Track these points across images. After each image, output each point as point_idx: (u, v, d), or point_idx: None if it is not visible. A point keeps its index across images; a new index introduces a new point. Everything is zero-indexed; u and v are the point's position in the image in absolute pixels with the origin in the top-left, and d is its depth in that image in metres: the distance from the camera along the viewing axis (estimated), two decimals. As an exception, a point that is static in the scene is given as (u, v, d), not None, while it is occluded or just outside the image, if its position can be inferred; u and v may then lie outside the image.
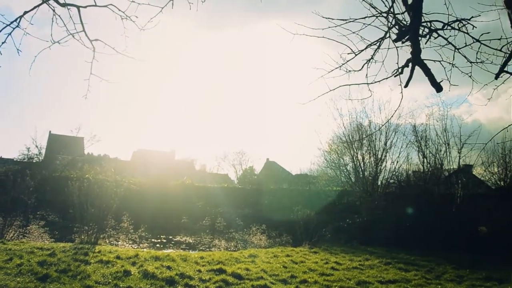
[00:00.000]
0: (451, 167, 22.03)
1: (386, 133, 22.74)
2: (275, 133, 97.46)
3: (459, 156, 21.15)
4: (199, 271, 9.77)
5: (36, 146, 31.55)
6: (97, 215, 13.70)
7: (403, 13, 4.66)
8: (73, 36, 4.61)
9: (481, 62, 4.93)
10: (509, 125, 5.29)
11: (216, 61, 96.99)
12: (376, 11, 4.80)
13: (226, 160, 71.30)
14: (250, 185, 32.93)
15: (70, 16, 4.53)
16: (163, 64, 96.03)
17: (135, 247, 15.23)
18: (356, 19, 4.78)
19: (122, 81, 72.01)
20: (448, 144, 21.53)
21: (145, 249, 13.55)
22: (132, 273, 8.96)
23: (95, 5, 4.61)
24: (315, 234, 16.70)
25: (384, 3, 4.65)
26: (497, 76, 4.71)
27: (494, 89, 5.21)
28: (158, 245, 17.46)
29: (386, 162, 22.95)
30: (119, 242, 15.49)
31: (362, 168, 22.72)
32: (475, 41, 4.78)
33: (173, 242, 18.74)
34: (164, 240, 18.93)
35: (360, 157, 22.97)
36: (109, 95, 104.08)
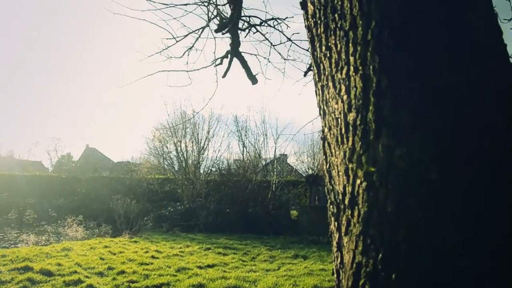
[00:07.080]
0: (268, 156, 23.91)
1: (209, 122, 23.54)
2: (97, 118, 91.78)
3: (275, 146, 23.10)
4: None
5: None
6: None
7: (224, 5, 4.83)
8: None
9: (293, 60, 5.46)
10: (314, 119, 5.94)
11: (33, 31, 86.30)
12: (199, -1, 4.87)
13: (39, 146, 65.10)
14: (66, 173, 30.44)
15: None
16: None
17: None
18: (177, 5, 4.79)
19: None
20: (266, 135, 23.32)
21: None
22: None
23: None
24: (136, 223, 16.38)
25: (207, -8, 4.74)
26: (305, 74, 5.25)
27: (304, 85, 5.83)
28: None
29: (208, 150, 23.80)
30: None
31: (185, 157, 23.07)
32: (288, 39, 5.25)
33: (-33, 241, 16.19)
34: (-45, 239, 16.22)
35: (183, 146, 23.28)
36: None
